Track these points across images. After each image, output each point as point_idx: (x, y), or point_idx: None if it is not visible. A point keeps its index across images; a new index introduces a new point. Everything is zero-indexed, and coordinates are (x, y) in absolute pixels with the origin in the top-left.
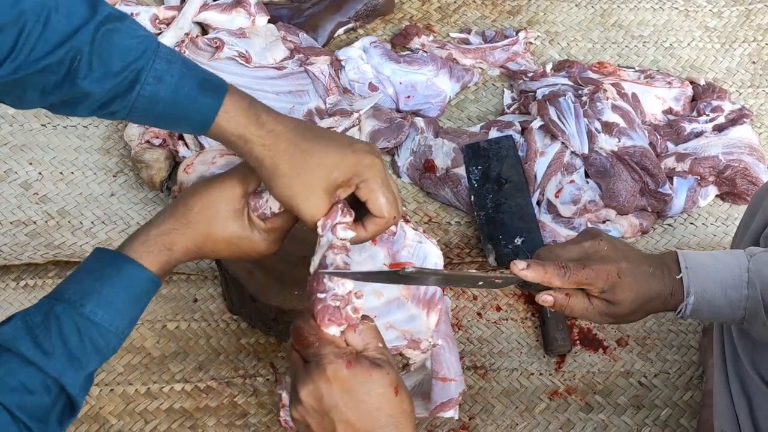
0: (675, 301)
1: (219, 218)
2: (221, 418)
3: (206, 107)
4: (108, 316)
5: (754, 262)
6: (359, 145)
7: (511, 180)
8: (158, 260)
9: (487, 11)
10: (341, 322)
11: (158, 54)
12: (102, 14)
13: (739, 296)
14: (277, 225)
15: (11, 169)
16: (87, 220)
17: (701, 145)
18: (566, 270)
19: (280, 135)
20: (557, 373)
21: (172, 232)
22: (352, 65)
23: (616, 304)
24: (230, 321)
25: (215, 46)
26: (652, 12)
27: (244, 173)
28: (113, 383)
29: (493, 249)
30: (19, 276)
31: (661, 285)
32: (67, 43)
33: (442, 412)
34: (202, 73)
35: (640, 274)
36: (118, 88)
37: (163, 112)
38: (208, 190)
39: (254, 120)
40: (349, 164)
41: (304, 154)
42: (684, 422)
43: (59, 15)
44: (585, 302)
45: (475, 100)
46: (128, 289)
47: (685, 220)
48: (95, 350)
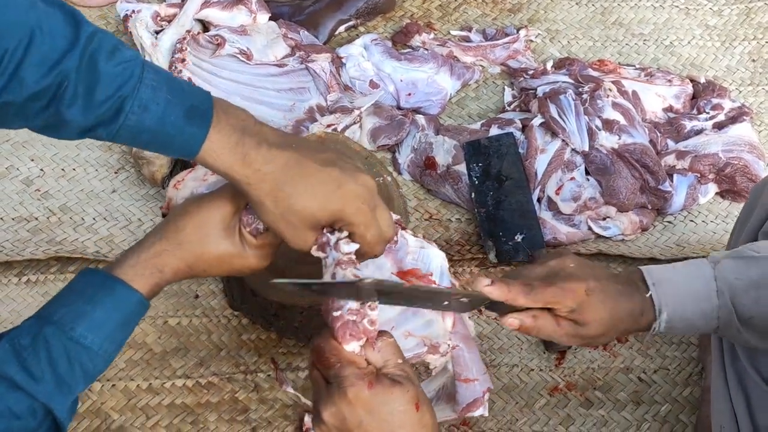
0: (646, 320)
1: (211, 237)
2: (222, 414)
3: (192, 137)
4: (98, 339)
5: (719, 271)
6: (349, 186)
7: (512, 177)
8: (149, 282)
9: (487, 9)
10: (360, 336)
11: (143, 81)
12: (86, 34)
13: (711, 307)
14: (269, 241)
15: (13, 165)
16: (88, 217)
17: (701, 142)
18: (531, 288)
19: (267, 175)
20: (557, 369)
21: (164, 253)
22: (353, 63)
23: (584, 325)
24: (231, 317)
25: (216, 44)
26: (652, 10)
27: (235, 191)
28: (115, 378)
29: (493, 246)
30: (21, 272)
31: (631, 303)
32: (54, 70)
33: (471, 412)
34: (189, 99)
35: (609, 292)
36: (103, 116)
37: (148, 140)
38: (198, 210)
39: (240, 159)
40: (333, 210)
41: (287, 198)
42: (683, 418)
43: (44, 37)
44: (552, 324)
45: (476, 97)
46: (118, 312)
47: (685, 218)
48: (83, 374)
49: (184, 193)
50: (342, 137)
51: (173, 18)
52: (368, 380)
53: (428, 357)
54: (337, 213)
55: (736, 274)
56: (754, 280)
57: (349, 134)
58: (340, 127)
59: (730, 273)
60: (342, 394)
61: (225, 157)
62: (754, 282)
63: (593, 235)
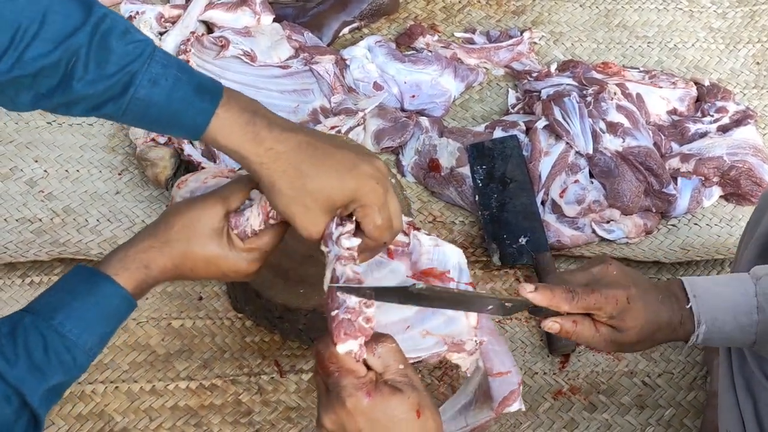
0: (684, 330)
1: (198, 237)
2: (226, 416)
3: (200, 112)
4: (77, 330)
5: (761, 286)
6: (364, 167)
7: (516, 180)
8: (134, 278)
9: (491, 11)
10: (356, 334)
11: (154, 57)
12: (97, 15)
13: (750, 322)
14: (257, 245)
15: (17, 166)
16: (92, 218)
17: (705, 145)
18: (574, 294)
19: (280, 154)
20: (561, 373)
21: (151, 249)
22: (357, 64)
23: (623, 331)
24: (235, 319)
25: (220, 45)
26: (656, 12)
27: (226, 194)
28: (118, 381)
29: (497, 248)
30: (25, 273)
31: (671, 313)
32: (63, 44)
33: (507, 407)
34: (198, 78)
35: (650, 300)
36: (113, 90)
37: (156, 116)
38: (188, 210)
39: (252, 137)
40: (348, 189)
41: (302, 178)
42: (687, 422)
43: (55, 15)
44: (592, 329)
45: (480, 99)
46: (100, 305)
47: (689, 221)
48: (60, 363)
49: (184, 193)
50: (345, 139)
51: (177, 19)
52: (366, 390)
53: (453, 356)
54: (352, 193)
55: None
56: None
57: (353, 136)
58: (343, 129)
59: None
60: (341, 404)
61: (236, 136)
62: None
63: (597, 238)
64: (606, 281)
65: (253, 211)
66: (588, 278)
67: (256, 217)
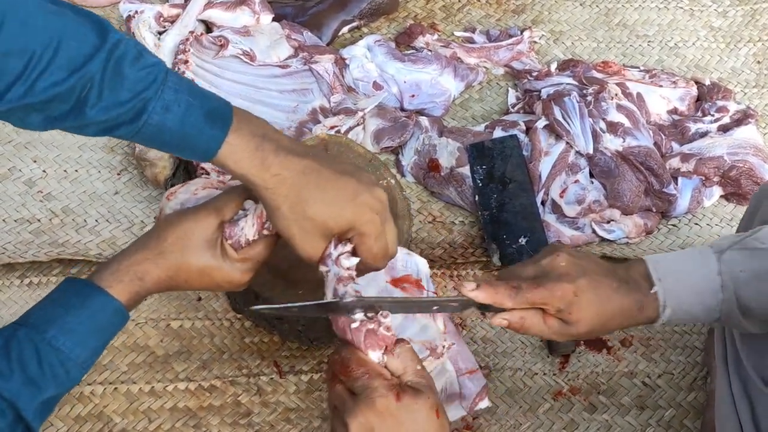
0: (645, 315)
1: (192, 248)
2: (225, 417)
3: (211, 139)
4: (70, 343)
5: (725, 263)
6: (364, 197)
7: (516, 180)
8: (128, 290)
9: (491, 10)
10: (380, 344)
11: (166, 83)
12: (111, 41)
13: (715, 301)
14: (250, 255)
15: (15, 166)
16: (91, 218)
17: (706, 145)
18: (518, 290)
19: (285, 180)
20: (561, 374)
21: (145, 261)
22: (357, 64)
23: (572, 324)
24: (234, 320)
25: (219, 44)
26: (656, 11)
27: (219, 204)
28: (117, 382)
29: (497, 249)
30: (24, 274)
31: (626, 301)
32: (77, 72)
33: (478, 404)
34: (209, 103)
35: (602, 291)
36: (126, 116)
37: (168, 140)
38: (181, 221)
39: (259, 163)
40: (347, 219)
41: (304, 203)
42: (688, 423)
43: (70, 41)
44: (540, 323)
45: (480, 99)
46: (93, 318)
47: (689, 221)
48: (54, 377)
49: (174, 205)
50: (345, 139)
51: (176, 19)
52: (395, 391)
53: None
54: (350, 222)
55: (741, 267)
56: (757, 272)
57: (353, 136)
58: (343, 129)
59: (736, 265)
60: (371, 405)
61: (245, 162)
62: (757, 274)
63: (597, 238)
64: (554, 274)
65: (248, 221)
66: (536, 271)
67: (251, 227)
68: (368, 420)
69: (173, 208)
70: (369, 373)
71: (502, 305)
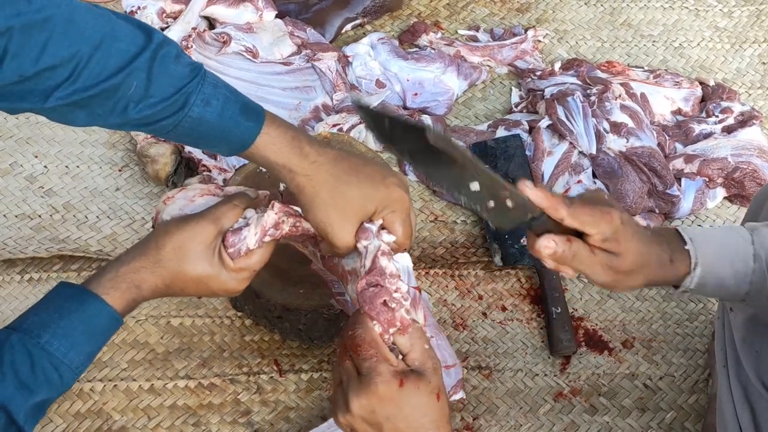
0: (676, 272)
1: (189, 257)
2: (225, 416)
3: (247, 131)
4: (63, 348)
5: (758, 235)
6: (391, 179)
7: (519, 179)
8: (124, 297)
9: (495, 8)
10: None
11: (206, 79)
12: (156, 41)
13: (746, 269)
14: (247, 264)
15: (16, 162)
16: (92, 215)
17: (710, 146)
18: (572, 201)
19: (322, 166)
20: (562, 375)
21: (142, 270)
22: (360, 61)
23: (618, 255)
24: (234, 318)
25: (222, 41)
26: (661, 11)
27: (218, 214)
28: (116, 379)
29: (499, 249)
30: (24, 270)
31: (660, 249)
32: (124, 70)
33: (454, 395)
34: (243, 99)
35: (641, 232)
36: (168, 110)
37: (206, 133)
38: (179, 230)
39: (298, 151)
40: (381, 197)
41: (342, 186)
42: (689, 426)
43: (117, 42)
44: (587, 252)
45: (483, 98)
46: (87, 324)
47: (692, 222)
48: (47, 381)
49: (171, 210)
50: (347, 137)
51: (179, 15)
52: (399, 378)
53: None
54: (384, 201)
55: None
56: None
57: (355, 134)
58: (345, 127)
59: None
60: (374, 388)
61: (285, 150)
62: None
63: None
64: (599, 200)
65: (251, 230)
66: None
67: (253, 236)
68: (370, 402)
69: (171, 213)
70: (377, 356)
71: (555, 212)
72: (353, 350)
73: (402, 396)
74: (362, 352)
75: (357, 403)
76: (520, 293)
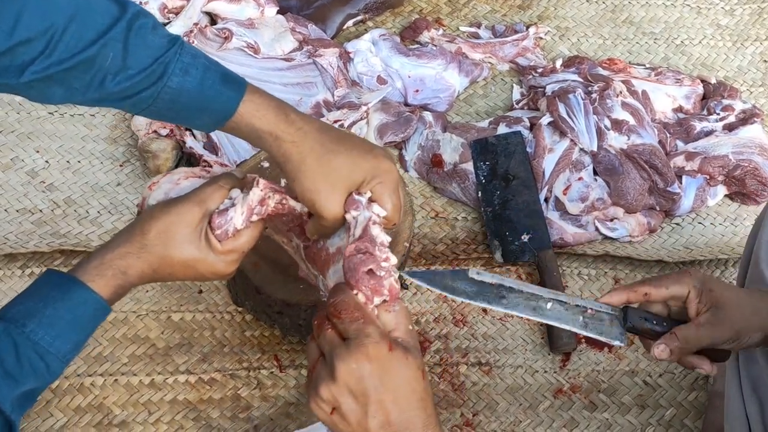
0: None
1: (175, 241)
2: (225, 411)
3: (230, 99)
4: (49, 337)
5: None
6: (379, 150)
7: (519, 176)
8: (111, 284)
9: (497, 5)
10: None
11: (184, 48)
12: (132, 11)
13: None
14: (235, 246)
15: (18, 156)
16: (93, 209)
17: (711, 144)
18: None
19: (308, 133)
20: (562, 371)
21: (127, 255)
22: (361, 58)
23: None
24: (235, 313)
25: (224, 37)
26: (663, 8)
27: (204, 196)
28: (117, 373)
29: (499, 245)
30: (25, 264)
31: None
32: (99, 41)
33: None
34: (223, 68)
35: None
36: (146, 81)
37: (186, 103)
38: (164, 213)
39: (284, 118)
40: (369, 165)
41: (330, 153)
42: (688, 423)
43: (92, 14)
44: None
45: (484, 95)
46: (73, 312)
47: (693, 220)
48: (33, 370)
49: (157, 195)
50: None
51: (181, 10)
52: (388, 342)
53: None
54: (372, 171)
55: None
56: None
57: (356, 130)
58: (347, 123)
59: None
60: (363, 350)
61: (270, 116)
62: None
63: (600, 236)
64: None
65: (237, 209)
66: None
67: (240, 216)
68: (360, 365)
69: (156, 198)
70: (365, 318)
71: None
72: (337, 316)
73: (392, 361)
74: (347, 315)
75: (345, 368)
76: None
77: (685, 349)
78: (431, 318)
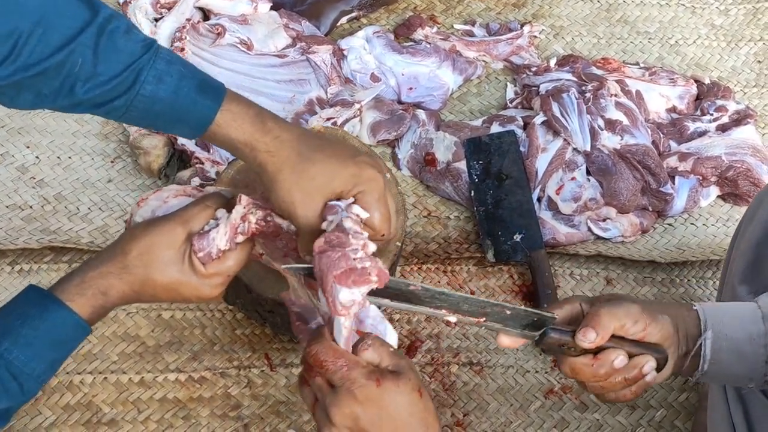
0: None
1: (157, 262)
2: (215, 409)
3: (206, 108)
4: (23, 357)
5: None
6: (363, 158)
7: (512, 176)
8: (91, 304)
9: (491, 3)
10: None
11: (159, 54)
12: (103, 16)
13: (758, 331)
14: (220, 269)
15: (8, 152)
16: (84, 206)
17: (704, 144)
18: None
19: (285, 142)
20: (553, 372)
21: (108, 275)
22: (355, 55)
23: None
24: (225, 311)
25: (216, 33)
26: (658, 8)
27: (187, 216)
28: (107, 371)
29: (491, 245)
30: (14, 261)
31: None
32: (67, 47)
33: None
34: (201, 75)
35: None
36: (118, 89)
37: (160, 112)
38: (145, 234)
39: (260, 127)
40: (349, 174)
41: (306, 162)
42: (678, 424)
43: (60, 17)
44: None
45: (478, 93)
46: (51, 332)
47: (685, 220)
48: (4, 390)
49: (144, 212)
50: (341, 131)
51: (173, 5)
52: (375, 378)
53: None
54: (353, 179)
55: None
56: None
57: (349, 128)
58: (339, 121)
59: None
60: (352, 396)
61: (246, 126)
62: None
63: (593, 236)
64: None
65: (220, 230)
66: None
67: (223, 236)
68: (352, 410)
69: (143, 216)
70: (347, 364)
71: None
72: (319, 367)
73: (383, 396)
74: (328, 365)
75: (338, 414)
76: (513, 289)
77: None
78: (423, 317)
